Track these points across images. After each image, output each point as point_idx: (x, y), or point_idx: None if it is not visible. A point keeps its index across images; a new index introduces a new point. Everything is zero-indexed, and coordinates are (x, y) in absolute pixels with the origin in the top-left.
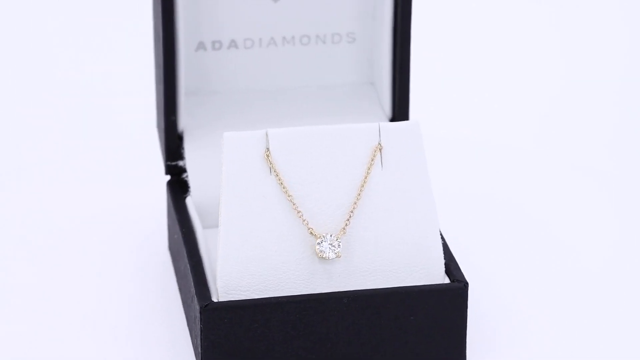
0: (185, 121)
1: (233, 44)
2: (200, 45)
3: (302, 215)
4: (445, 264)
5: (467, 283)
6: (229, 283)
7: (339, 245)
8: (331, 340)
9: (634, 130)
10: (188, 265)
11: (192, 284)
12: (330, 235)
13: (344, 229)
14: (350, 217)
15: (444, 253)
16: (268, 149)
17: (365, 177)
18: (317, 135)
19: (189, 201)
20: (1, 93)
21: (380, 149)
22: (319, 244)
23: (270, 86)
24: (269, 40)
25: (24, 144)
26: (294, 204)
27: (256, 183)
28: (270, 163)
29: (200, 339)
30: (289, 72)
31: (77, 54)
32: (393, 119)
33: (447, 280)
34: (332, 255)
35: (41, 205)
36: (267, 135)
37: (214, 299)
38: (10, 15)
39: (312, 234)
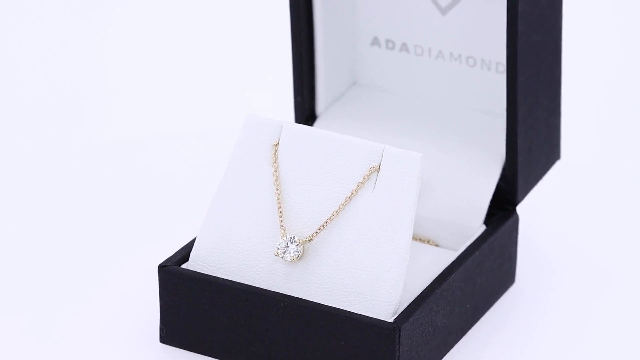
0: (329, 107)
1: (404, 47)
2: (375, 41)
3: (282, 213)
4: (415, 302)
5: (397, 326)
6: (200, 255)
7: (296, 251)
8: (269, 338)
9: None
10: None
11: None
12: (294, 238)
13: (312, 237)
14: (322, 227)
15: (426, 296)
16: (278, 141)
17: (352, 194)
18: (327, 140)
19: None
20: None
21: (377, 171)
22: (279, 242)
23: (425, 96)
24: (438, 52)
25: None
26: (278, 200)
27: (257, 169)
28: (275, 154)
29: (159, 297)
30: (446, 88)
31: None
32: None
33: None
34: (287, 257)
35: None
36: (282, 127)
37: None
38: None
39: (282, 232)
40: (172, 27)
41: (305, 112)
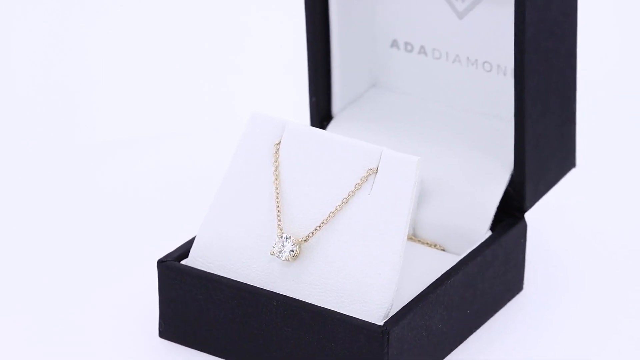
0: (345, 108)
1: (423, 50)
2: (394, 43)
3: (280, 213)
4: (407, 306)
5: (386, 329)
6: (199, 251)
7: (291, 250)
8: (262, 336)
9: None
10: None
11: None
12: (290, 238)
13: (307, 237)
14: (318, 228)
15: (419, 300)
16: (280, 140)
17: (349, 196)
18: (326, 141)
19: None
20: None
21: (374, 174)
22: (275, 241)
23: (441, 100)
24: (455, 57)
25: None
26: (277, 199)
27: (258, 167)
28: (277, 153)
29: (158, 292)
30: (462, 92)
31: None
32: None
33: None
34: (282, 256)
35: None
36: (284, 126)
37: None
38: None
39: (278, 231)
40: (177, 26)
41: (321, 113)
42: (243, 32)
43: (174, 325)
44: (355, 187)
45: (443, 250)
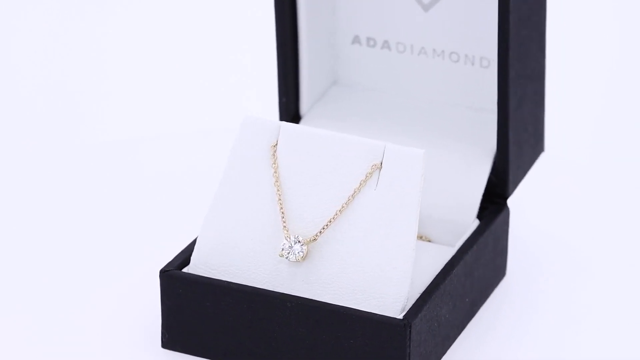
0: (312, 107)
1: (386, 44)
2: (356, 39)
3: (284, 214)
4: (422, 298)
5: (408, 322)
6: (201, 258)
7: (301, 251)
8: (275, 339)
9: None
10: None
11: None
12: (299, 238)
13: (316, 237)
14: (326, 227)
15: (431, 291)
16: (276, 142)
17: (355, 193)
18: (325, 139)
19: None
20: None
21: (379, 169)
22: (283, 243)
23: (408, 93)
24: (420, 49)
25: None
26: (280, 200)
27: (256, 170)
28: (274, 155)
29: (160, 302)
30: (430, 84)
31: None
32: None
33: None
34: (291, 257)
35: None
36: (280, 127)
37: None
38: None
39: (285, 232)
40: (170, 27)
41: (291, 113)
42: (231, 32)
43: (178, 334)
44: (360, 184)
45: (429, 241)
